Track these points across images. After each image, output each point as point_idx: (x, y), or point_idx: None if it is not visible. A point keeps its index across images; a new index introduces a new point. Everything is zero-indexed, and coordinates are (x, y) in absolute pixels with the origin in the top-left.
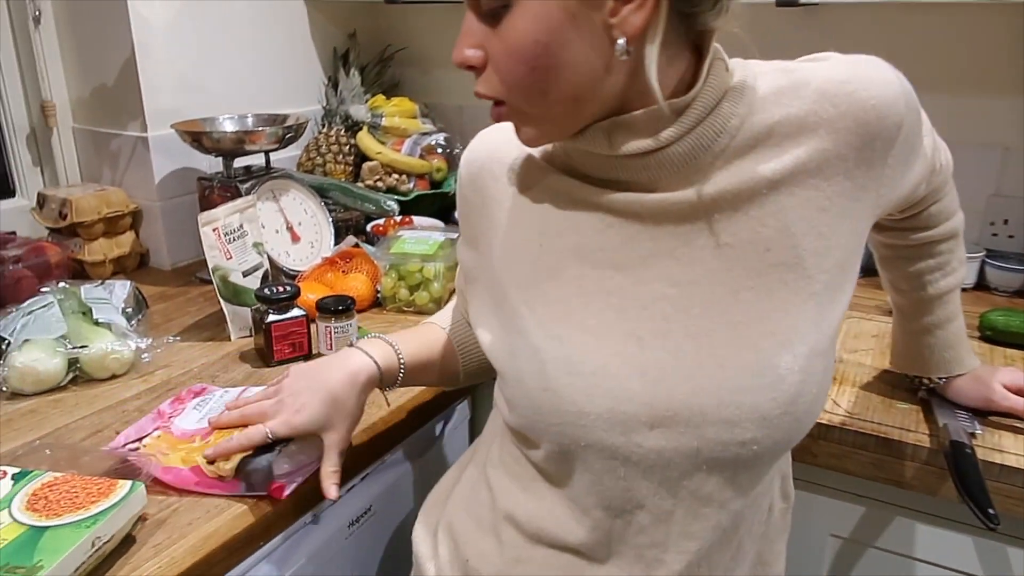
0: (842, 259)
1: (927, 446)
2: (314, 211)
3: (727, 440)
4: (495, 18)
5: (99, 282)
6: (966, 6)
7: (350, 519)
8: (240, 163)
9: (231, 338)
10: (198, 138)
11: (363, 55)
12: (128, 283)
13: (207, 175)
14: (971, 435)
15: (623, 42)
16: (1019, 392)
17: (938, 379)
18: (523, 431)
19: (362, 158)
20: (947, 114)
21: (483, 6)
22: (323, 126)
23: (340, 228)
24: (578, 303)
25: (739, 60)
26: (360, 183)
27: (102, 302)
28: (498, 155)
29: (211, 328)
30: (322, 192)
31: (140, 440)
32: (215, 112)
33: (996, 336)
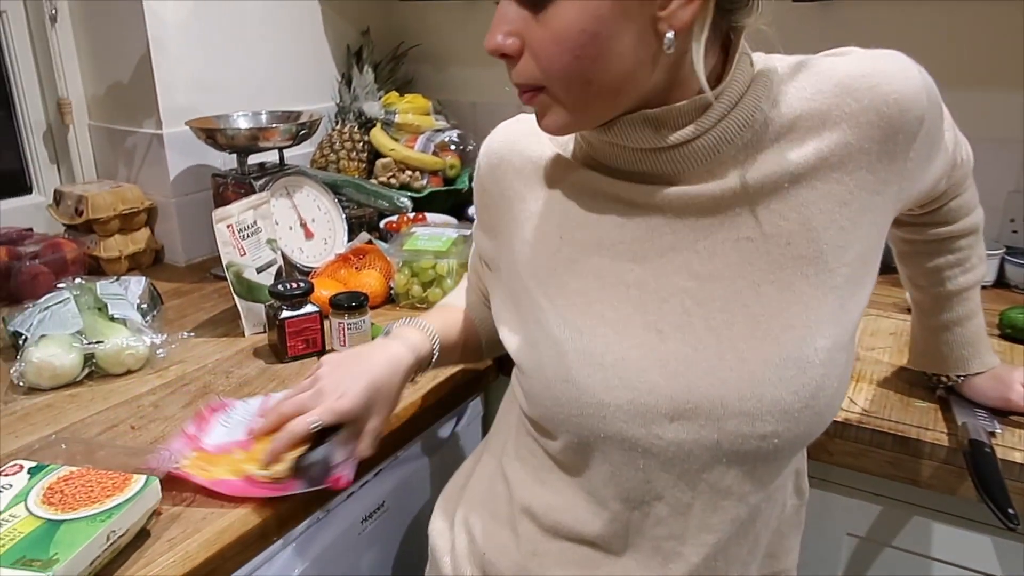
0: (863, 253)
1: (946, 445)
2: (328, 208)
3: (748, 433)
4: (538, 5)
5: (114, 278)
6: (991, 2)
7: (363, 514)
8: (254, 160)
9: (245, 334)
10: (212, 135)
11: (376, 52)
12: (143, 279)
13: (221, 172)
14: (990, 434)
15: (671, 36)
16: None
17: (957, 377)
18: (542, 422)
19: (375, 155)
20: (967, 109)
21: None
22: (337, 123)
23: (353, 225)
24: (598, 296)
25: (762, 54)
26: (373, 180)
27: (117, 298)
28: (518, 147)
29: (225, 324)
30: (336, 189)
31: (178, 464)
32: (229, 109)
33: (1016, 334)
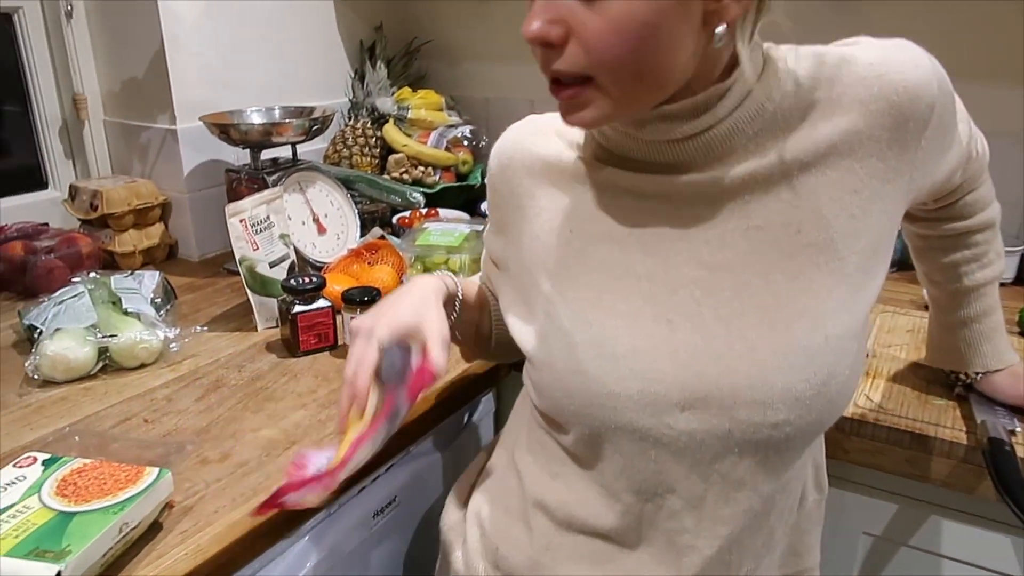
0: (874, 242)
1: (964, 443)
2: (340, 203)
3: (759, 422)
4: None
5: (129, 272)
6: None
7: (375, 509)
8: (267, 155)
9: (258, 328)
10: (226, 130)
11: (389, 48)
12: (157, 274)
13: (235, 167)
14: (1010, 432)
15: (722, 30)
16: None
17: (975, 374)
18: (553, 415)
19: (388, 150)
20: (985, 104)
21: None
22: (350, 119)
23: (366, 220)
24: (608, 287)
25: (772, 44)
26: (386, 175)
27: (132, 292)
28: (527, 146)
29: (238, 318)
30: (348, 184)
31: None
32: (243, 105)
33: None
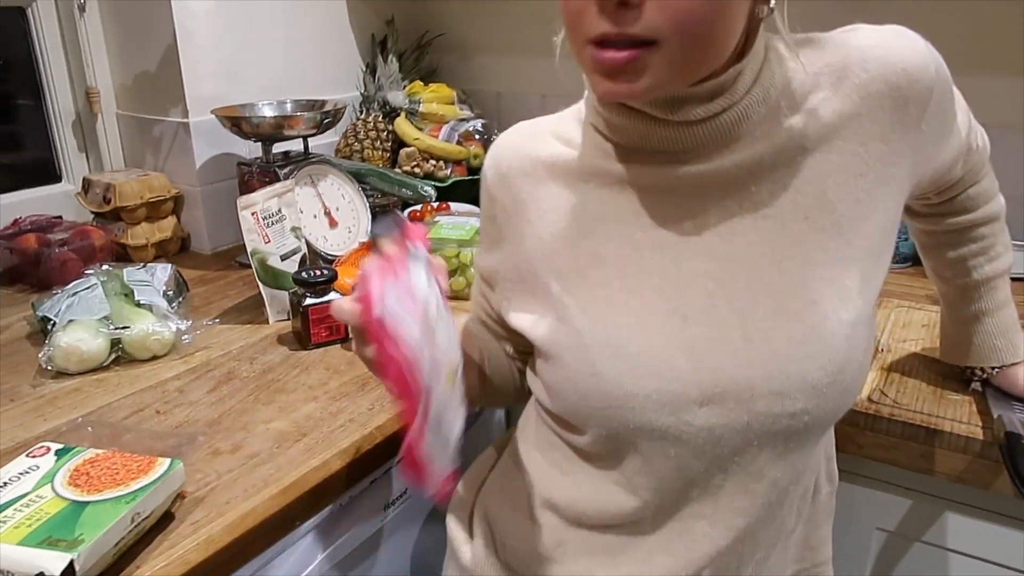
0: (882, 226)
1: (980, 438)
2: (352, 196)
3: (778, 412)
4: None
5: (141, 265)
6: None
7: (386, 501)
8: (279, 148)
9: (269, 321)
10: (237, 123)
11: (401, 41)
12: (169, 266)
13: (246, 160)
14: None
15: (774, 2)
16: None
17: (991, 369)
18: (568, 417)
19: (399, 144)
20: (996, 96)
21: None
22: (361, 112)
23: (377, 213)
24: (620, 285)
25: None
26: (397, 169)
27: (144, 284)
28: (524, 151)
29: (250, 311)
30: (360, 177)
31: None
32: (255, 98)
33: None
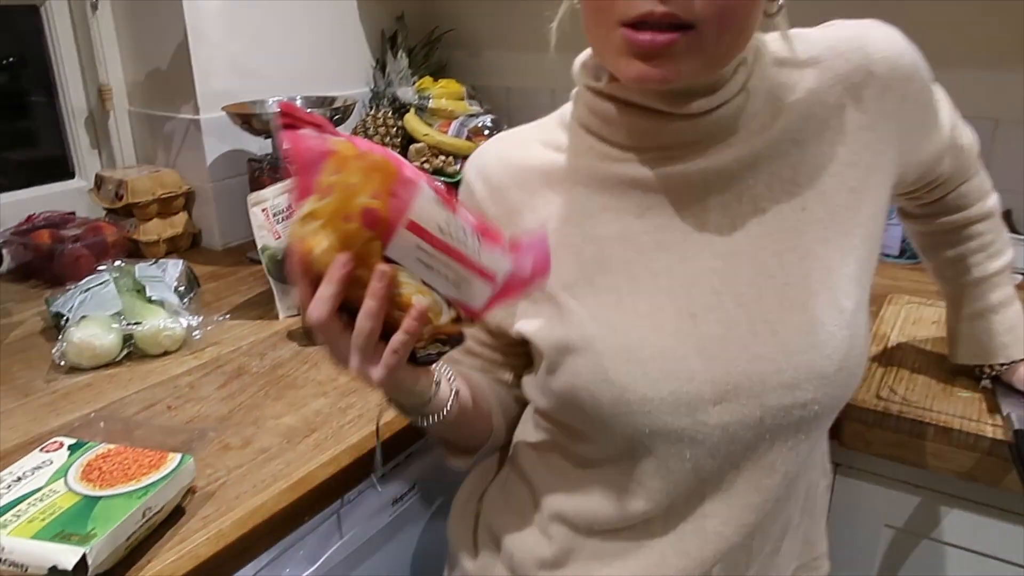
0: (875, 214)
1: (989, 436)
2: None
3: (789, 404)
4: None
5: (153, 261)
6: None
7: (394, 497)
8: None
9: (279, 317)
10: (248, 120)
11: (411, 37)
12: (180, 262)
13: (257, 157)
14: None
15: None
16: None
17: (1000, 365)
18: (578, 426)
19: (409, 140)
20: (1012, 91)
21: None
22: (371, 108)
23: None
24: (628, 289)
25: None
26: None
27: (156, 280)
28: (512, 160)
29: (260, 307)
30: None
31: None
32: (265, 95)
33: None
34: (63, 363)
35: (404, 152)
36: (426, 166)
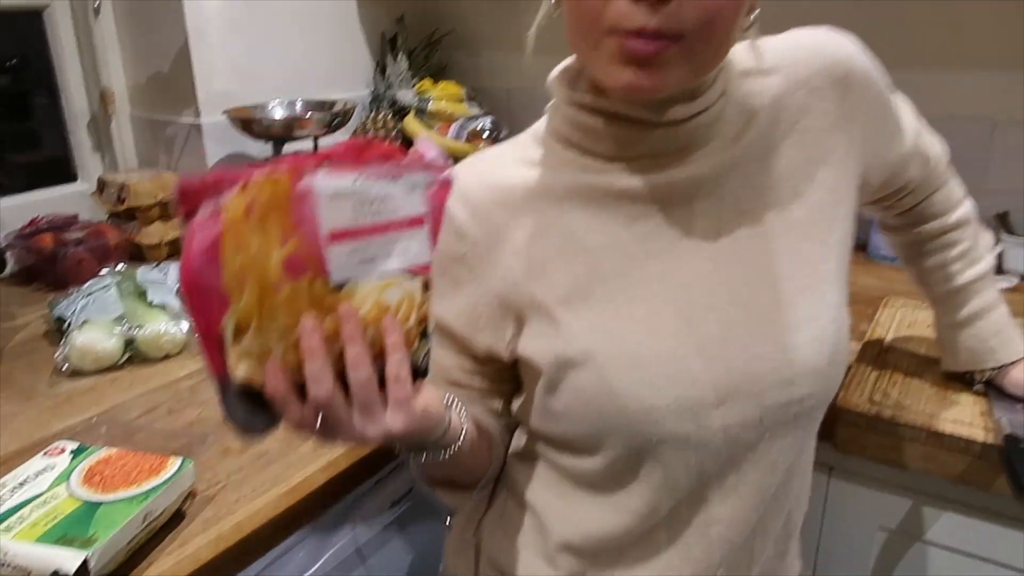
0: (847, 212)
1: (981, 440)
2: None
3: (786, 401)
4: None
5: (155, 264)
6: None
7: (392, 499)
8: (290, 148)
9: None
10: (248, 125)
11: (411, 39)
12: None
13: (258, 160)
14: None
15: (756, 13)
16: None
17: (991, 369)
18: (582, 441)
19: (409, 142)
20: (1010, 92)
21: None
22: (371, 110)
23: None
24: (624, 298)
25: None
26: None
27: (157, 284)
28: (491, 181)
29: None
30: None
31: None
32: (266, 98)
33: None
34: (66, 367)
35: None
36: None
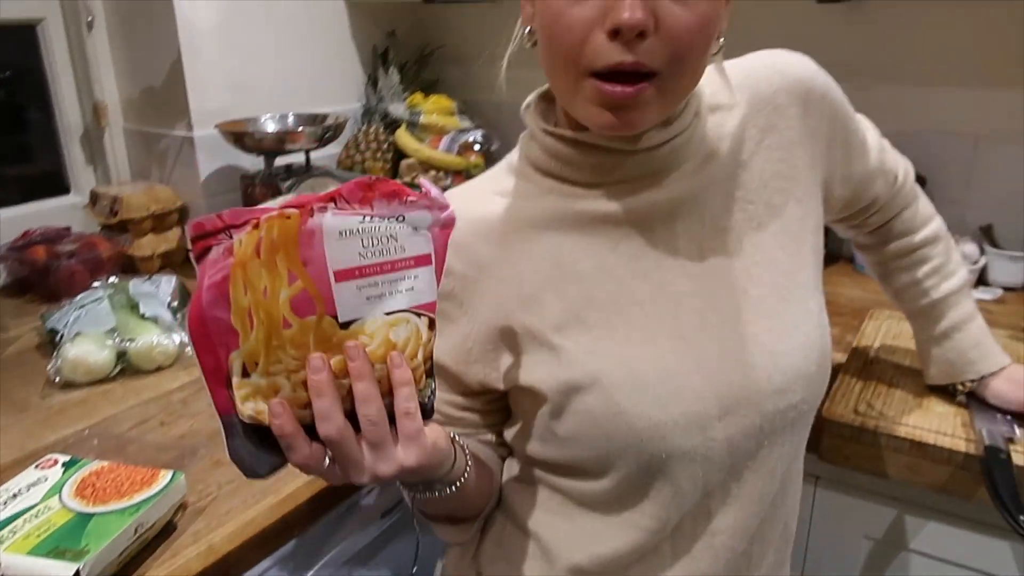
0: (816, 224)
1: (963, 450)
2: None
3: (784, 408)
4: None
5: (147, 277)
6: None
7: (384, 509)
8: (281, 161)
9: None
10: (240, 139)
11: (402, 53)
12: (174, 278)
13: (250, 173)
14: (1008, 440)
15: (722, 40)
16: None
17: (971, 381)
18: (589, 464)
19: (400, 155)
20: (994, 108)
21: None
22: (363, 124)
23: None
24: (618, 321)
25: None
26: (398, 180)
27: (149, 297)
28: (474, 215)
29: None
30: None
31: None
32: (259, 111)
33: None
34: (58, 379)
35: (395, 168)
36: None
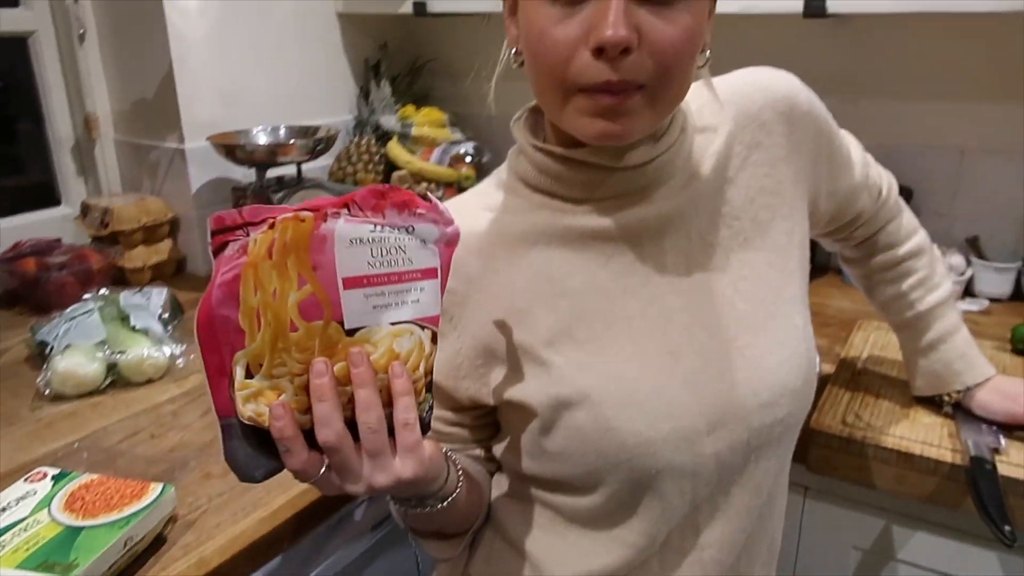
0: (802, 239)
1: (949, 461)
2: None
3: (771, 422)
4: (667, 2)
5: (138, 289)
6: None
7: (375, 522)
8: (273, 174)
9: None
10: (232, 151)
11: (394, 66)
12: (164, 290)
13: (241, 185)
14: (994, 451)
15: (708, 52)
16: None
17: (957, 392)
18: (579, 481)
19: (392, 167)
20: (983, 121)
21: None
22: (355, 136)
23: None
24: (608, 337)
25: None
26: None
27: (140, 309)
28: (465, 230)
29: None
30: None
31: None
32: (250, 123)
33: None
34: (48, 391)
35: (387, 180)
36: None
